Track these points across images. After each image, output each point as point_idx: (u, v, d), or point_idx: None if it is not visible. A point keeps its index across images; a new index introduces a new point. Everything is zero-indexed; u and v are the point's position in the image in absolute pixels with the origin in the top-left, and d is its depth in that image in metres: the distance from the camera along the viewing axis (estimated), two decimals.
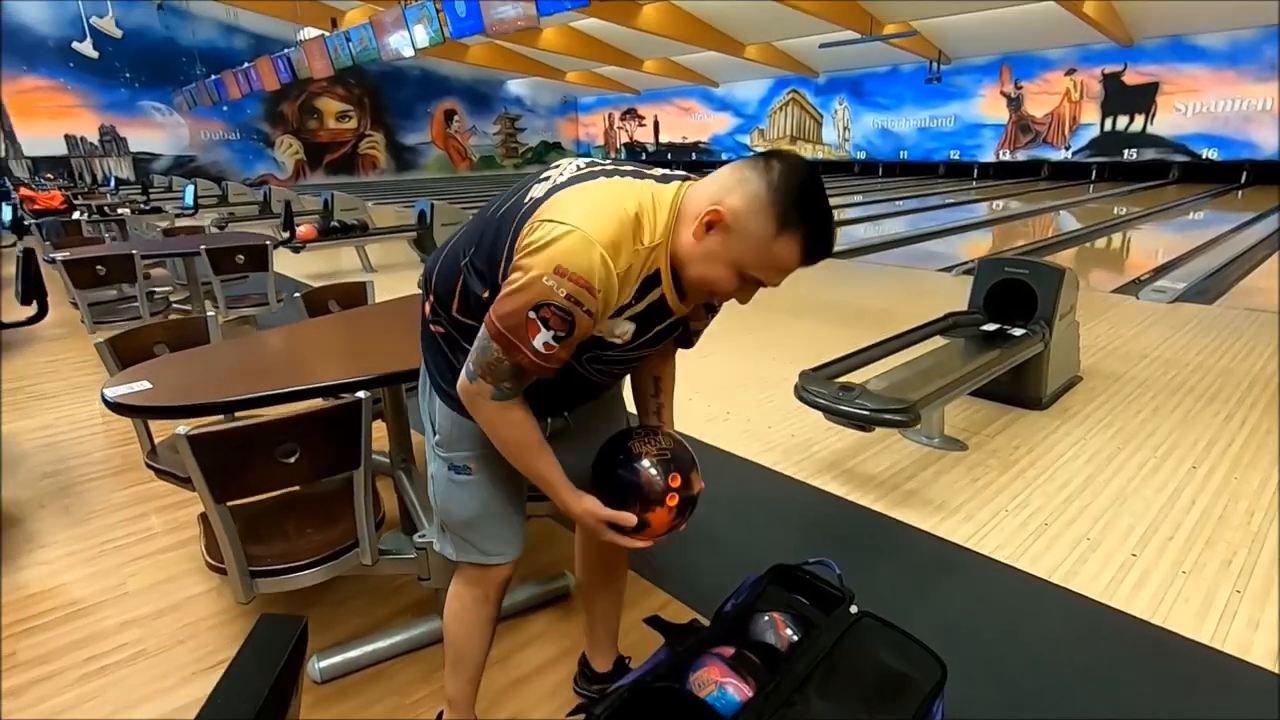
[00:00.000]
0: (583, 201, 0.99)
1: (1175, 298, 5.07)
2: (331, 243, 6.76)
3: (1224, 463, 2.63)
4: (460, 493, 1.23)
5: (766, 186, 0.96)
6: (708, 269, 1.01)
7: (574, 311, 0.95)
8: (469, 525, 1.25)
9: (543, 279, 0.94)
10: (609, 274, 0.95)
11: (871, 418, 2.29)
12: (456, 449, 1.20)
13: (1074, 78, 15.81)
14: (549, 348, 0.98)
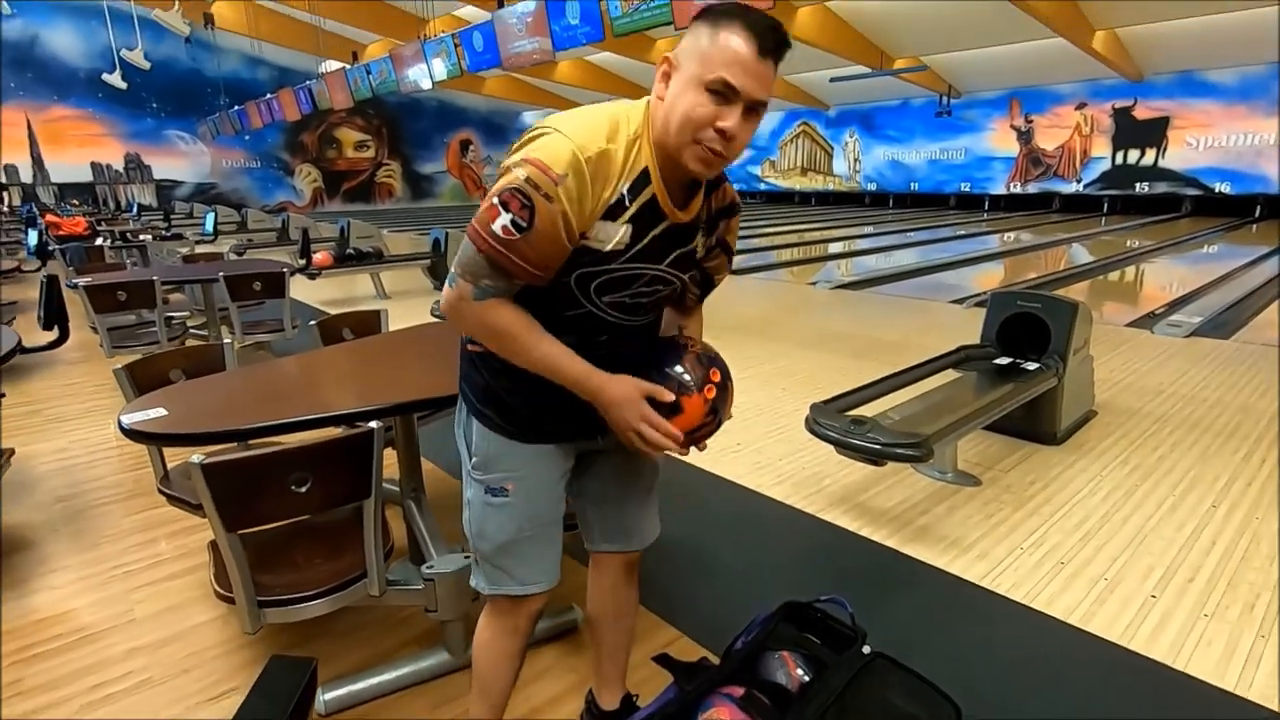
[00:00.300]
0: (564, 116, 1.04)
1: (1191, 332, 5.03)
2: (347, 270, 6.86)
3: (1244, 502, 2.58)
4: (497, 515, 1.21)
5: (695, 23, 1.02)
6: (681, 105, 1.00)
7: (532, 196, 0.97)
8: (505, 550, 1.22)
9: (510, 169, 0.99)
10: (578, 162, 0.97)
11: (883, 452, 2.27)
12: (494, 470, 1.20)
13: (1084, 112, 15.91)
14: (507, 232, 0.98)
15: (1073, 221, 14.38)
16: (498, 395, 1.17)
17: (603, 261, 1.06)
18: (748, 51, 0.98)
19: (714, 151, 1.02)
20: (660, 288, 1.14)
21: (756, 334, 5.22)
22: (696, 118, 1.00)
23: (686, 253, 1.15)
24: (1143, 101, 15.06)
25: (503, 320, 1.06)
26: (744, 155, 11.50)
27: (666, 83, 1.03)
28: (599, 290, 1.09)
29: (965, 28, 12.77)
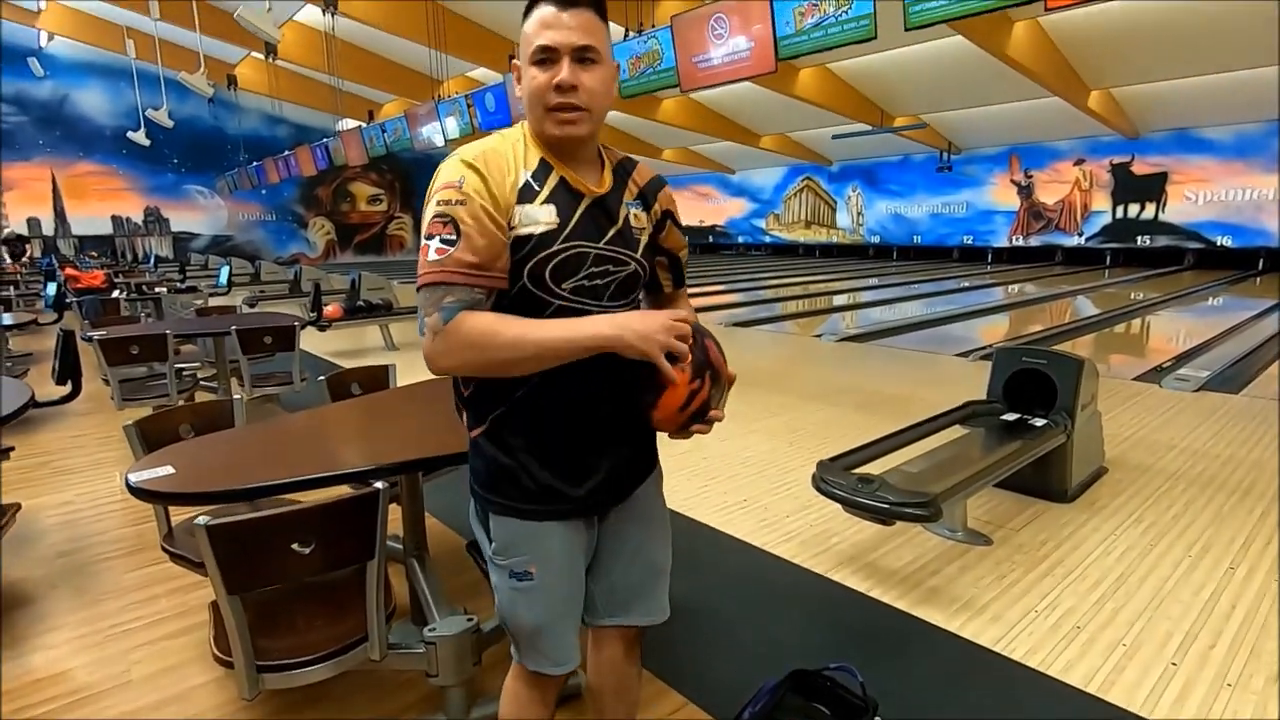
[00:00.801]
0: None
1: (1200, 386, 5.00)
2: (356, 322, 6.94)
3: (1263, 563, 2.53)
4: (525, 599, 1.19)
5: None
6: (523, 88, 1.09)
7: (448, 210, 1.03)
8: (539, 633, 1.21)
9: (427, 213, 1.06)
10: (465, 165, 1.05)
11: (892, 511, 2.24)
12: (515, 554, 1.17)
13: (1083, 167, 16.19)
14: (441, 252, 1.03)
15: (1076, 274, 14.48)
16: (510, 473, 1.15)
17: (544, 246, 1.08)
18: (550, 11, 1.06)
19: (563, 107, 1.06)
20: (611, 268, 1.14)
21: (763, 386, 5.22)
22: (535, 89, 1.07)
23: (621, 231, 1.16)
24: (1140, 157, 15.34)
25: (480, 325, 1.04)
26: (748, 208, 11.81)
27: (520, 83, 1.11)
28: (555, 278, 1.09)
29: (962, 88, 13.14)
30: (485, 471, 1.18)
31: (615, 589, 1.29)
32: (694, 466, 3.58)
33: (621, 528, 1.27)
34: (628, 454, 1.23)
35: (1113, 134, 14.90)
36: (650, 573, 1.31)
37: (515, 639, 1.25)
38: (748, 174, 22.84)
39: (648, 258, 1.23)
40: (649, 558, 1.31)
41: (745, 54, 5.73)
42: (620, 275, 1.16)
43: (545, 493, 1.15)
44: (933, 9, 4.44)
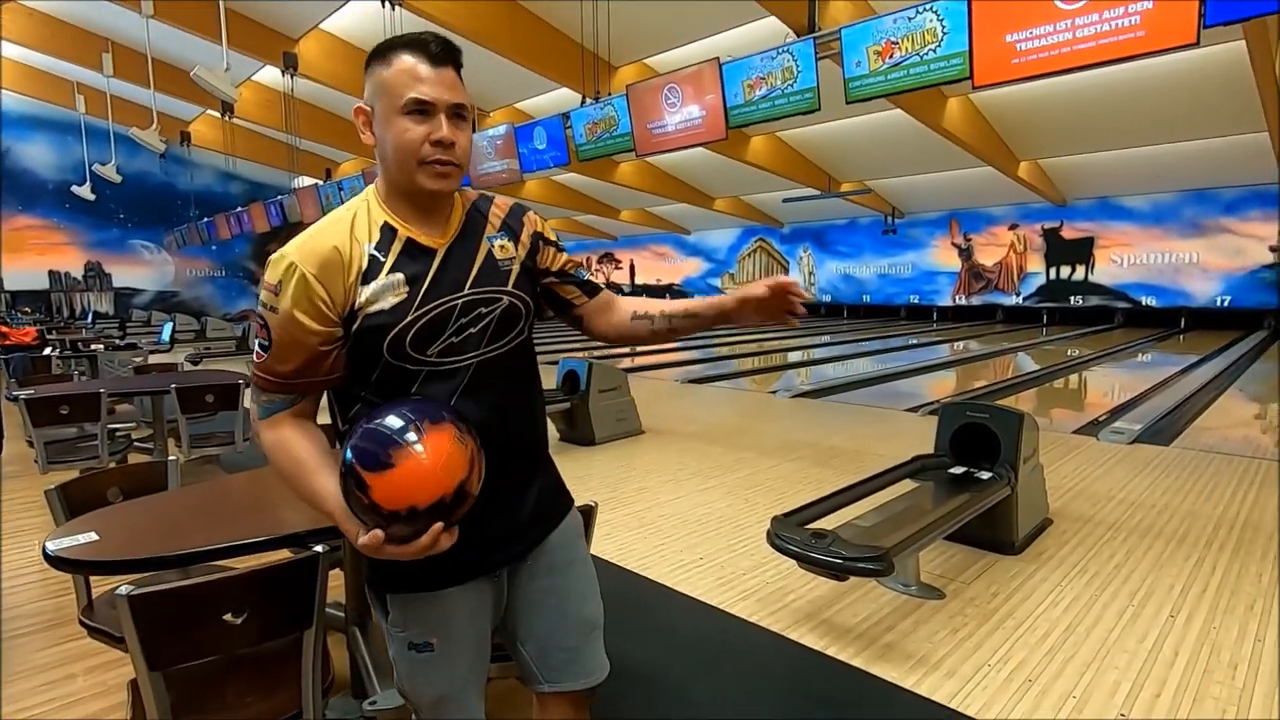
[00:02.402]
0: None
1: (1134, 439, 5.22)
2: None
3: (1201, 609, 2.60)
4: (426, 671, 1.16)
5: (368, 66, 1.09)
6: (390, 139, 1.06)
7: (265, 315, 1.05)
8: (443, 703, 1.17)
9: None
10: (290, 266, 1.03)
11: (845, 566, 2.25)
12: (413, 625, 1.14)
13: (1017, 232, 17.15)
14: (259, 355, 1.07)
15: (1015, 332, 15.13)
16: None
17: (398, 319, 1.06)
18: (419, 65, 1.05)
19: (441, 163, 1.06)
20: (483, 310, 1.12)
21: (720, 442, 5.24)
22: (408, 141, 1.05)
23: (484, 269, 1.14)
24: (1069, 223, 16.34)
25: (271, 439, 1.08)
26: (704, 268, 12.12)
27: (370, 129, 1.10)
28: (416, 347, 1.07)
29: (903, 156, 13.89)
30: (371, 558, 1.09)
31: (546, 650, 1.23)
32: (650, 525, 3.55)
33: (537, 581, 1.23)
34: (525, 503, 1.20)
35: (1043, 201, 15.87)
36: (580, 627, 1.26)
37: (417, 711, 1.20)
38: (703, 234, 23.47)
39: (525, 287, 1.20)
40: (576, 611, 1.26)
41: (698, 121, 5.98)
42: (494, 314, 1.14)
43: (429, 564, 1.03)
44: (870, 85, 4.74)
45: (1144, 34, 3.57)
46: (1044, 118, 11.58)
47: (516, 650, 1.26)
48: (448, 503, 0.96)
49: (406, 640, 1.15)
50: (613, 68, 10.44)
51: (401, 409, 0.99)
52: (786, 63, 5.16)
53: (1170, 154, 12.56)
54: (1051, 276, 16.78)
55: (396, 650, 1.17)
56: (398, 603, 1.14)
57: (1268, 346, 11.86)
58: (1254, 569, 2.95)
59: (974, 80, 4.25)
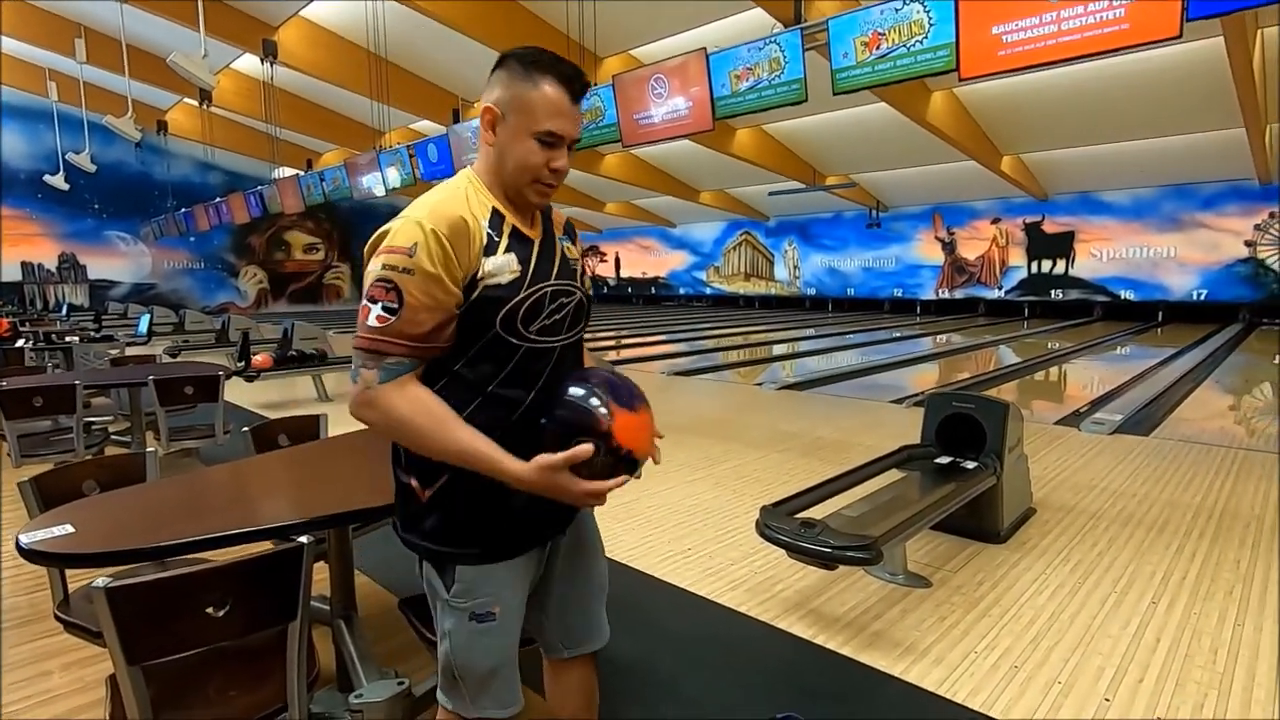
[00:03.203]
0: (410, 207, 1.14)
1: (1114, 429, 5.28)
2: (288, 372, 6.67)
3: (1182, 596, 2.64)
4: (485, 642, 1.19)
5: (506, 69, 1.15)
6: (514, 153, 1.15)
7: (393, 278, 1.06)
8: (493, 675, 1.21)
9: (370, 272, 1.09)
10: (423, 230, 1.07)
11: (834, 556, 2.25)
12: (479, 595, 1.18)
13: (999, 225, 17.31)
14: (382, 320, 1.07)
15: (997, 325, 15.28)
16: (470, 522, 1.17)
17: (513, 294, 1.14)
18: (565, 101, 1.14)
19: (550, 185, 1.18)
20: (564, 300, 1.23)
21: (707, 435, 5.24)
22: (532, 164, 1.15)
23: (563, 262, 1.25)
24: (1050, 217, 16.52)
25: (406, 403, 1.08)
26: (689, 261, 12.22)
27: (493, 130, 1.17)
28: (524, 322, 1.15)
29: (888, 150, 13.95)
30: (442, 525, 1.18)
31: (568, 615, 1.35)
32: (638, 516, 3.54)
33: (567, 550, 1.33)
34: None
35: (1025, 195, 16.03)
36: (597, 591, 1.39)
37: (465, 685, 1.22)
38: (688, 228, 23.46)
39: (584, 286, 1.32)
40: (595, 575, 1.39)
41: (684, 113, 5.95)
42: (571, 305, 1.24)
43: (503, 534, 1.19)
44: (857, 76, 4.73)
45: (1128, 27, 3.60)
46: (1026, 112, 11.67)
47: (541, 618, 1.34)
48: (639, 464, 1.12)
49: (469, 611, 1.18)
50: (599, 59, 10.38)
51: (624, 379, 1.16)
52: (774, 53, 5.14)
53: (1149, 149, 12.73)
54: (1033, 270, 16.97)
55: (455, 623, 1.19)
56: (468, 573, 1.18)
57: (1243, 339, 12.07)
58: (1232, 556, 3.00)
59: (960, 72, 4.26)
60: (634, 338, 13.91)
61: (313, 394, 6.99)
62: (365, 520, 2.01)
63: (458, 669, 1.21)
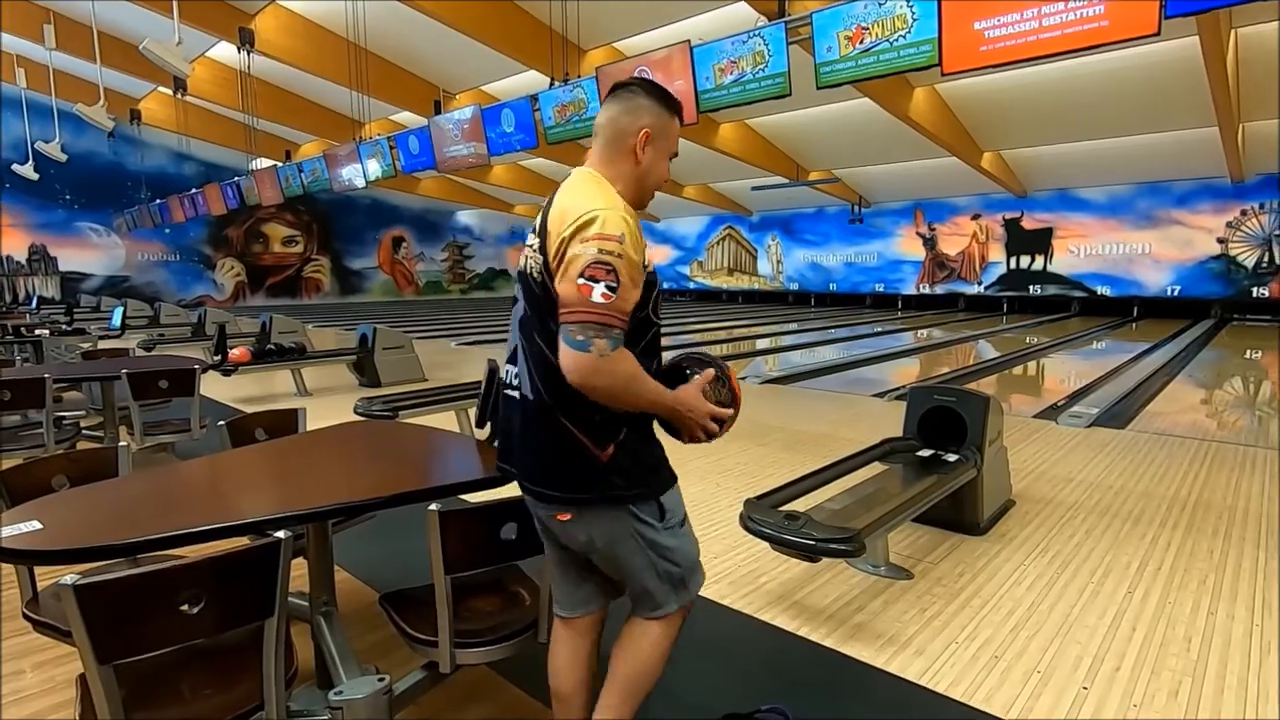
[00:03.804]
0: (588, 196, 1.33)
1: (1091, 423, 5.36)
2: (266, 366, 6.57)
3: (1157, 585, 2.68)
4: (688, 540, 1.51)
5: (654, 100, 1.43)
6: (656, 170, 1.46)
7: (610, 261, 1.25)
8: (696, 565, 1.53)
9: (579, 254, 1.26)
10: (626, 221, 1.30)
11: (817, 548, 2.26)
12: (676, 511, 1.47)
13: (979, 222, 17.48)
14: (606, 297, 1.25)
15: (977, 320, 15.45)
16: (652, 461, 1.44)
17: (655, 281, 1.40)
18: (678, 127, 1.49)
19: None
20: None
21: None
22: (664, 178, 1.48)
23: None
24: (1029, 214, 16.71)
25: (631, 364, 1.31)
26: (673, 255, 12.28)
27: (644, 150, 1.42)
28: (655, 306, 1.41)
29: (870, 146, 14.02)
30: (635, 470, 1.40)
31: (575, 587, 1.60)
32: None
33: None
34: None
35: (1004, 192, 16.20)
36: None
37: (689, 578, 1.50)
38: (672, 222, 23.44)
39: None
40: None
41: None
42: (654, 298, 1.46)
43: (666, 463, 1.48)
44: (841, 70, 4.74)
45: (1107, 24, 3.63)
46: (1006, 109, 11.78)
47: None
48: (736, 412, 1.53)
49: (678, 523, 1.47)
50: (582, 51, 10.30)
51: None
52: (758, 47, 5.13)
53: (1125, 147, 12.90)
54: (1012, 266, 17.17)
55: (675, 539, 1.45)
56: (671, 498, 1.46)
57: (1215, 335, 12.31)
58: (1205, 546, 3.06)
59: (943, 67, 4.28)
60: None
61: (291, 388, 6.89)
62: (346, 515, 1.98)
63: (685, 568, 1.48)
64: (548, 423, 1.35)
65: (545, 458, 1.38)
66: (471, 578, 1.84)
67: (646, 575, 1.44)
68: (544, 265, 1.32)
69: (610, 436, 1.35)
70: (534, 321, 1.36)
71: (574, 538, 1.43)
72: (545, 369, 1.34)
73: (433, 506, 1.50)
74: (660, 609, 1.48)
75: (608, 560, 1.45)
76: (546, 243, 1.31)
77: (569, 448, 1.34)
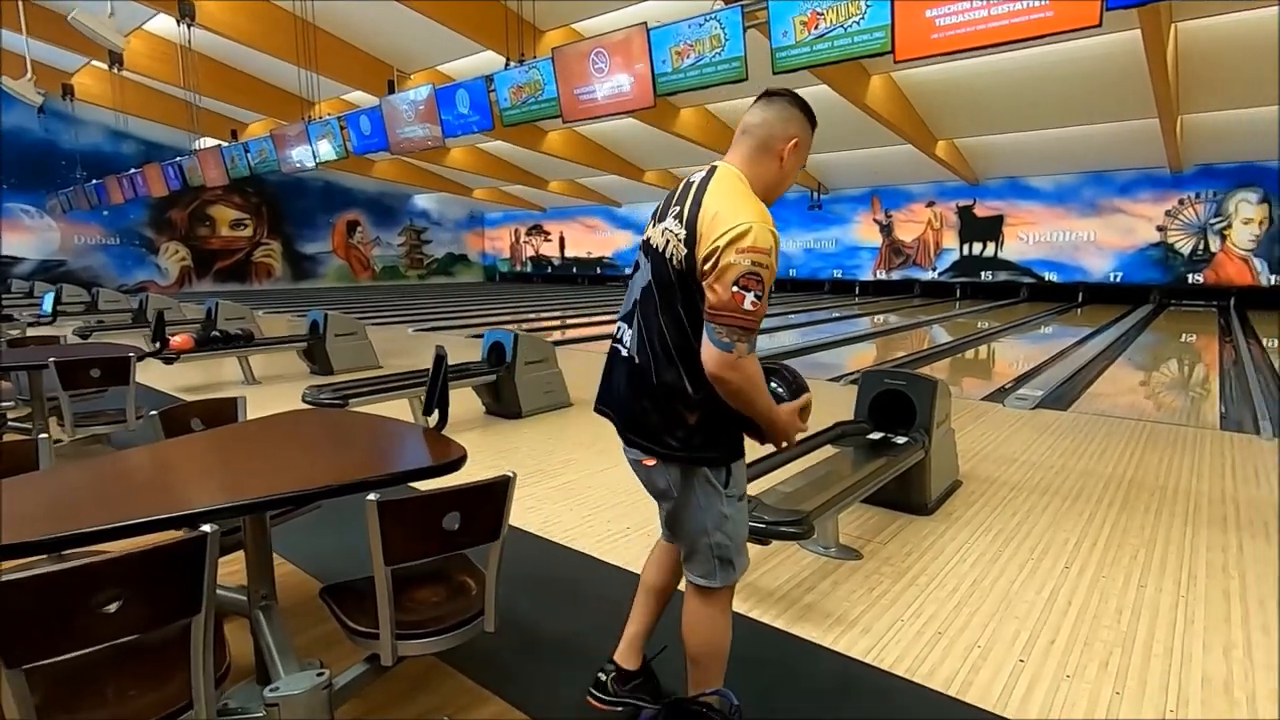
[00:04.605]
0: (739, 207, 1.43)
1: (1036, 404, 5.54)
2: (210, 354, 6.34)
3: (1092, 561, 2.79)
4: (741, 518, 1.64)
5: (801, 112, 1.57)
6: (790, 177, 1.60)
7: (760, 273, 1.38)
8: (743, 547, 1.64)
9: (734, 263, 1.37)
10: (775, 238, 1.42)
11: (768, 531, 2.28)
12: (739, 484, 1.61)
13: (934, 209, 17.84)
14: (755, 305, 1.38)
15: (931, 305, 15.80)
16: (733, 436, 1.57)
17: None
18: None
19: None
20: None
21: None
22: (789, 185, 1.63)
23: None
24: (980, 201, 17.11)
25: (759, 368, 1.48)
26: (636, 241, 12.16)
27: (790, 156, 1.55)
28: None
29: (829, 133, 14.06)
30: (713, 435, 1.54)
31: None
32: (577, 497, 3.51)
33: None
34: None
35: (957, 180, 16.54)
36: None
37: (736, 554, 1.61)
38: (634, 207, 23.34)
39: None
40: None
41: (626, 88, 5.86)
42: None
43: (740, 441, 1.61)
44: (796, 55, 4.75)
45: (1052, 14, 3.71)
46: (959, 97, 11.99)
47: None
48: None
49: (738, 495, 1.60)
50: (539, 31, 10.13)
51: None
52: (714, 30, 5.10)
53: (1072, 137, 13.28)
54: (964, 253, 17.58)
55: (733, 509, 1.59)
56: (738, 466, 1.58)
57: (1153, 319, 12.83)
58: (1138, 521, 3.19)
59: (896, 54, 4.32)
60: (580, 318, 13.81)
61: (239, 376, 6.68)
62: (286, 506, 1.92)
63: (735, 542, 1.60)
64: (648, 384, 1.53)
65: (642, 412, 1.55)
66: (416, 568, 1.81)
67: (700, 539, 1.59)
68: (687, 257, 1.44)
69: (698, 407, 1.51)
70: (658, 299, 1.51)
71: (654, 483, 1.61)
72: (659, 344, 1.51)
73: (371, 497, 1.46)
74: (704, 578, 1.61)
75: (674, 514, 1.62)
76: (696, 240, 1.42)
77: (664, 408, 1.52)
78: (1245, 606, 2.44)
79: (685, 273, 1.45)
